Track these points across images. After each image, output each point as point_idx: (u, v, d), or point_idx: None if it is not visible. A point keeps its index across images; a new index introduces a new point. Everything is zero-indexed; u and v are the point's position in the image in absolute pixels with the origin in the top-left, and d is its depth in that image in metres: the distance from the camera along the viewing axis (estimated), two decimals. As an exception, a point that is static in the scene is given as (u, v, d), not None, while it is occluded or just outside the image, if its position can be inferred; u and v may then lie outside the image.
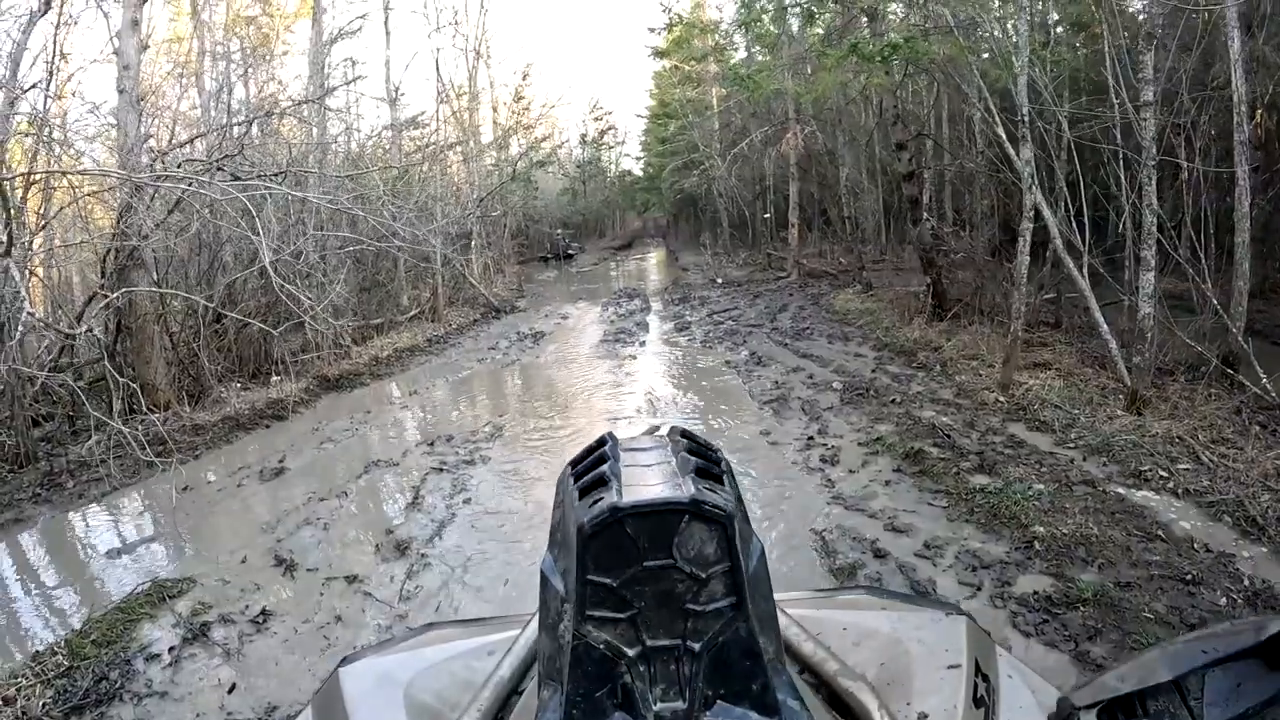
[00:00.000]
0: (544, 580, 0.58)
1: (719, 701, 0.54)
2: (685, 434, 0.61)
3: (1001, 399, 7.48)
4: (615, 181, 40.44)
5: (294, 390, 10.07)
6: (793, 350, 9.99)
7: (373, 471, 6.67)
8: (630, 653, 0.54)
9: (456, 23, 19.56)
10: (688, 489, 0.52)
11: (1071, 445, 6.14)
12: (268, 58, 17.35)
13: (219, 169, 8.09)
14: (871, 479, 5.60)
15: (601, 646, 0.53)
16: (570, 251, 33.14)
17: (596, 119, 37.51)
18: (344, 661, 0.96)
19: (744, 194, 23.34)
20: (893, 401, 7.36)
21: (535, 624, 0.76)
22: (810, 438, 6.50)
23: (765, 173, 22.73)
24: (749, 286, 17.13)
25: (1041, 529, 4.45)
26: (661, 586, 0.53)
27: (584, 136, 37.24)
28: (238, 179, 8.04)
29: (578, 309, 16.18)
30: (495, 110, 25.00)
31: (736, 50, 26.76)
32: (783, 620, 0.81)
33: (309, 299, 11.89)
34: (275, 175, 8.48)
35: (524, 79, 23.58)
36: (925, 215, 10.37)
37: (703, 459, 0.58)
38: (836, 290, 15.25)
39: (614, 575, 0.53)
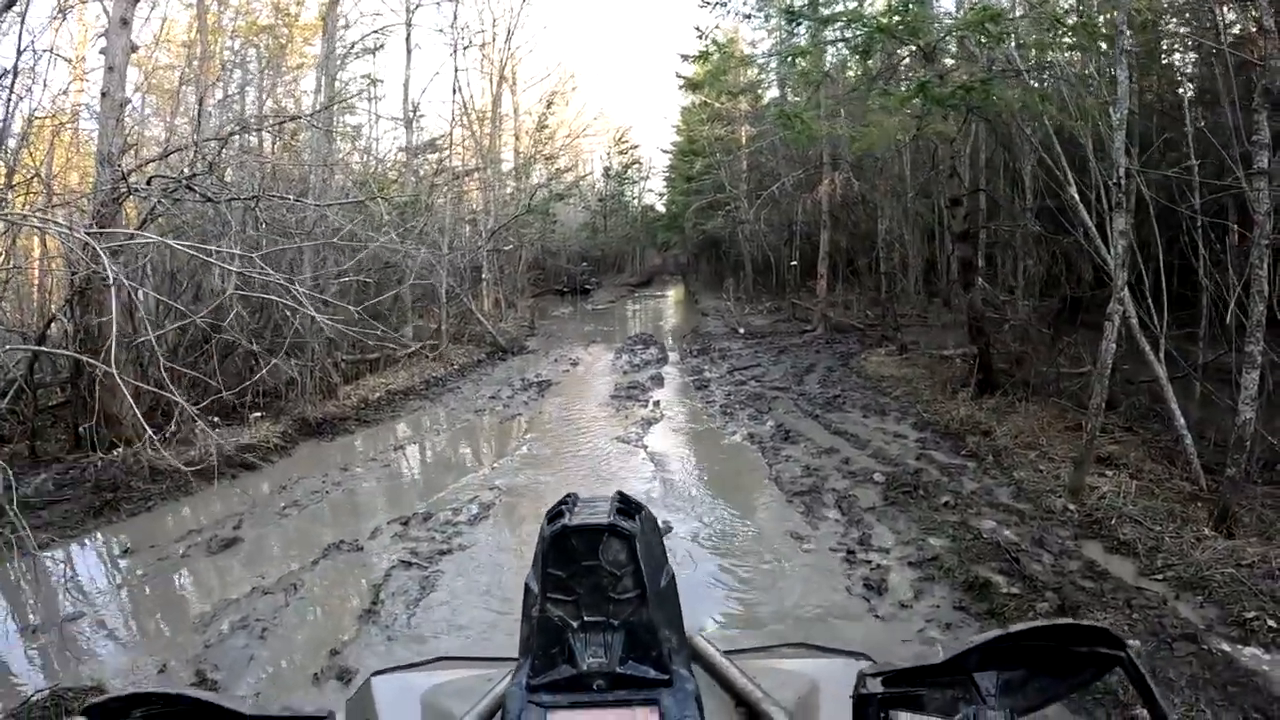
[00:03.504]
0: (526, 588, 0.85)
1: (630, 660, 0.80)
2: (620, 494, 0.88)
3: (1071, 506, 6.39)
4: (638, 217, 39.78)
5: (269, 435, 9.13)
6: (823, 424, 8.94)
7: (333, 556, 5.67)
8: (574, 624, 0.81)
9: (483, 45, 18.92)
10: (610, 518, 0.81)
11: (1159, 576, 5.07)
12: (280, 69, 16.79)
13: (188, 187, 7.25)
14: (928, 617, 4.53)
15: (556, 619, 0.81)
16: (588, 287, 32.37)
17: (621, 152, 37.02)
18: (376, 674, 1.18)
19: (770, 239, 22.47)
20: (945, 505, 6.29)
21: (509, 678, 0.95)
22: (850, 551, 5.43)
23: (793, 218, 21.91)
24: (773, 339, 16.13)
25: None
26: (593, 580, 0.81)
27: (608, 170, 36.71)
28: (208, 199, 7.19)
29: (589, 354, 15.23)
30: (518, 138, 24.42)
31: (769, 88, 26.29)
32: (725, 664, 1.06)
33: (299, 328, 11.05)
34: (251, 197, 7.63)
35: (548, 107, 23.00)
36: (979, 280, 9.37)
37: (624, 504, 0.85)
38: (866, 349, 14.22)
39: (564, 569, 0.81)
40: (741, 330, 17.16)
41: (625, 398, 10.61)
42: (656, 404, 10.18)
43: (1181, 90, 8.42)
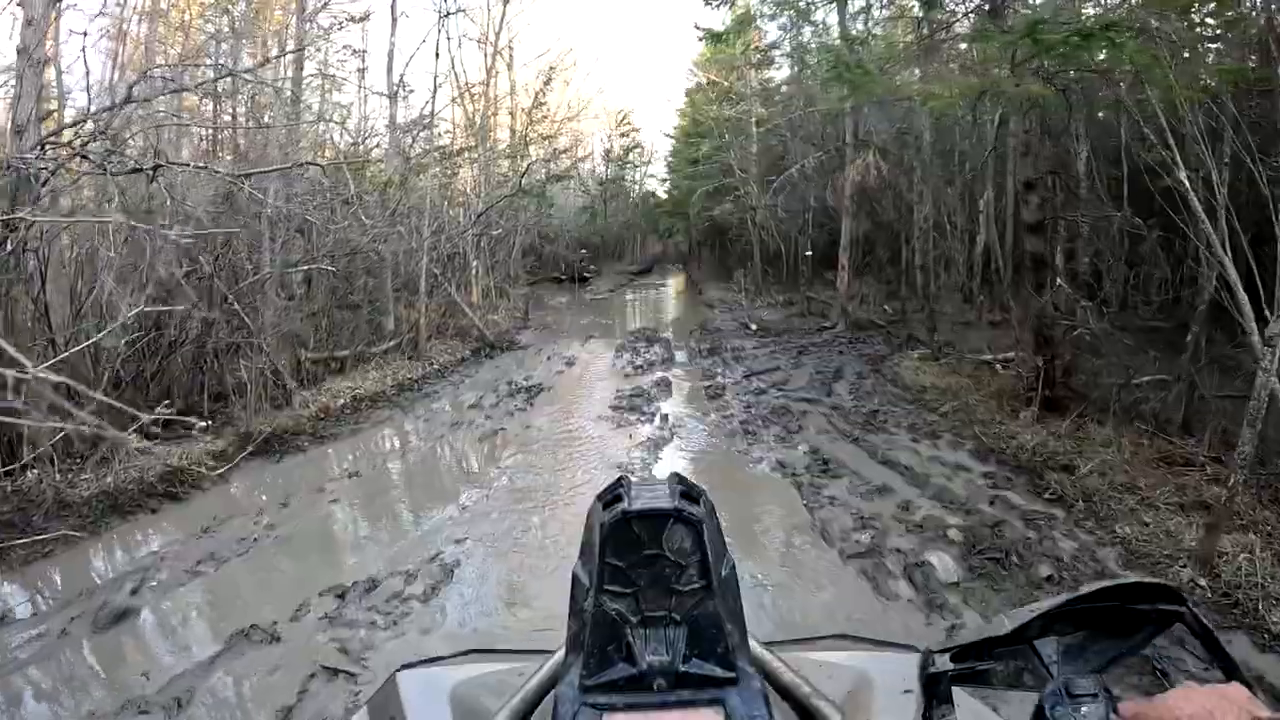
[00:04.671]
0: (574, 579, 0.77)
1: (693, 658, 0.73)
2: (678, 475, 0.80)
3: (1202, 581, 4.95)
4: (638, 203, 38.12)
5: (204, 454, 7.64)
6: (867, 450, 7.46)
7: (239, 650, 4.19)
8: (633, 619, 0.74)
9: (467, 11, 17.26)
10: (674, 502, 0.73)
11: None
12: (260, 42, 15.16)
13: (83, 156, 5.73)
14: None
15: (613, 614, 0.73)
16: (586, 274, 30.77)
17: (623, 134, 35.31)
18: (401, 668, 1.11)
19: (785, 226, 20.94)
20: (1047, 579, 4.83)
21: (559, 653, 0.91)
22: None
23: (808, 204, 20.38)
24: (789, 337, 14.62)
25: None
26: (654, 570, 0.73)
27: (608, 152, 35.00)
28: (102, 169, 5.68)
29: (586, 351, 13.71)
30: (514, 117, 22.74)
31: (779, 68, 24.64)
32: (768, 656, 0.96)
33: (247, 323, 9.54)
34: (153, 167, 6.12)
35: (546, 83, 21.32)
36: (1057, 280, 7.86)
37: (686, 487, 0.77)
38: (895, 351, 12.73)
39: (623, 559, 0.73)
40: (753, 326, 15.64)
41: (627, 409, 9.12)
42: (664, 419, 8.69)
43: None
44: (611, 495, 0.77)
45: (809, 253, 18.27)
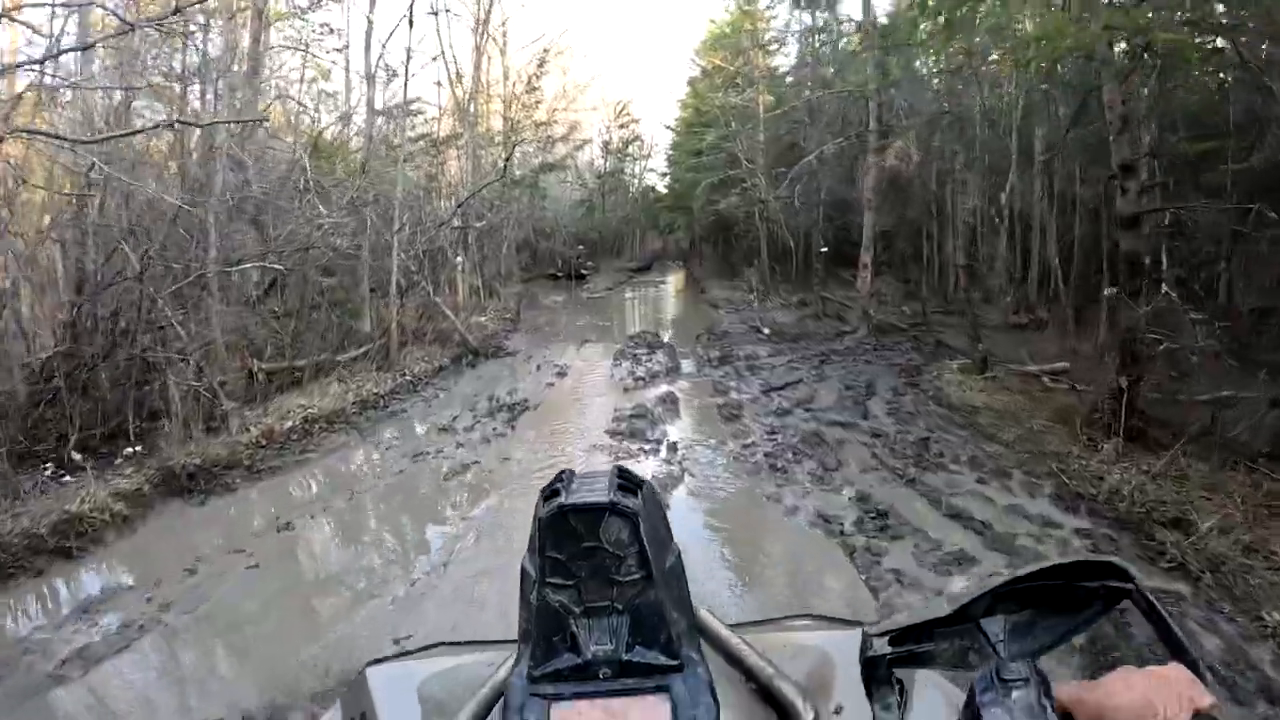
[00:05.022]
0: (523, 571, 0.76)
1: (637, 646, 0.73)
2: (620, 468, 0.78)
3: None
4: (638, 198, 36.61)
5: (109, 498, 6.20)
6: (926, 495, 6.02)
7: None
8: (576, 610, 0.74)
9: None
10: (610, 495, 0.72)
11: None
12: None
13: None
14: None
15: (557, 605, 0.73)
16: (583, 271, 29.31)
17: (622, 125, 33.78)
18: (369, 664, 1.09)
19: (799, 220, 19.51)
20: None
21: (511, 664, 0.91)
22: None
23: (821, 196, 18.99)
24: (807, 343, 13.17)
25: None
26: (594, 562, 0.73)
27: (607, 144, 33.46)
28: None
29: (581, 359, 12.25)
30: (507, 105, 21.22)
31: (787, 55, 23.19)
32: (734, 640, 0.98)
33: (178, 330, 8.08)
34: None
35: (540, 66, 19.81)
36: (1164, 288, 6.41)
37: (625, 479, 0.76)
38: (931, 361, 11.31)
39: (563, 552, 0.73)
40: (766, 330, 14.17)
41: (627, 434, 7.67)
42: (673, 448, 7.24)
43: None
44: (551, 489, 0.76)
45: (824, 249, 16.79)
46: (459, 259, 16.16)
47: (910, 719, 0.79)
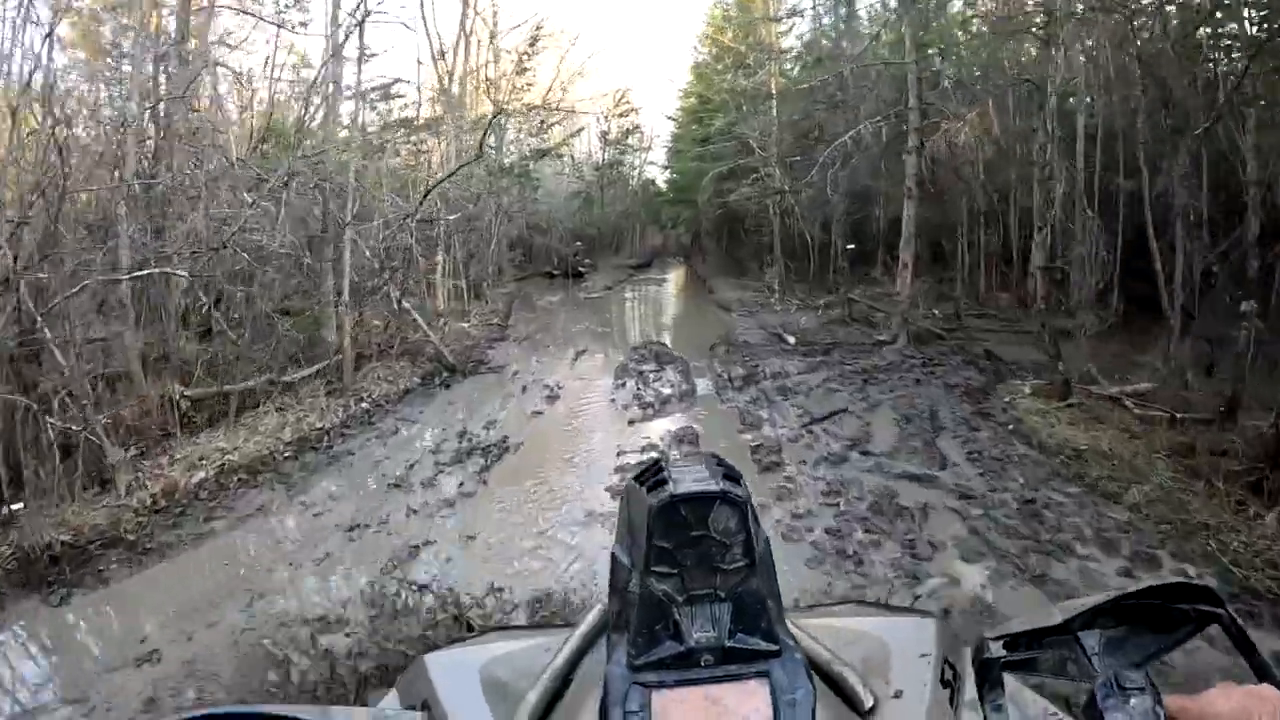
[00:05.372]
0: (614, 560, 0.79)
1: (739, 633, 0.75)
2: (714, 456, 0.81)
3: None
4: (637, 191, 34.71)
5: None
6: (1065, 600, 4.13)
7: None
8: (679, 598, 0.74)
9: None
10: (719, 484, 0.73)
11: None
12: None
13: None
14: None
15: (660, 594, 0.74)
16: (580, 269, 27.44)
17: (621, 114, 31.80)
18: (427, 652, 1.10)
19: (809, 214, 17.66)
20: None
21: (583, 628, 1.01)
22: None
23: (838, 186, 17.16)
24: (839, 355, 11.31)
25: None
26: (700, 550, 0.74)
27: (605, 134, 31.49)
28: None
29: (576, 376, 10.36)
30: (493, 86, 19.28)
31: (802, 36, 21.26)
32: (794, 626, 0.92)
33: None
34: None
35: (531, 44, 17.90)
36: None
37: (726, 468, 0.78)
38: (994, 380, 9.47)
39: (670, 541, 0.73)
40: (790, 339, 12.30)
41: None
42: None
43: None
44: (654, 479, 0.77)
45: (851, 246, 14.90)
46: (438, 258, 14.28)
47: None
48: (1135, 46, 8.08)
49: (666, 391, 9.05)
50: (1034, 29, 9.16)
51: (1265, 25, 6.40)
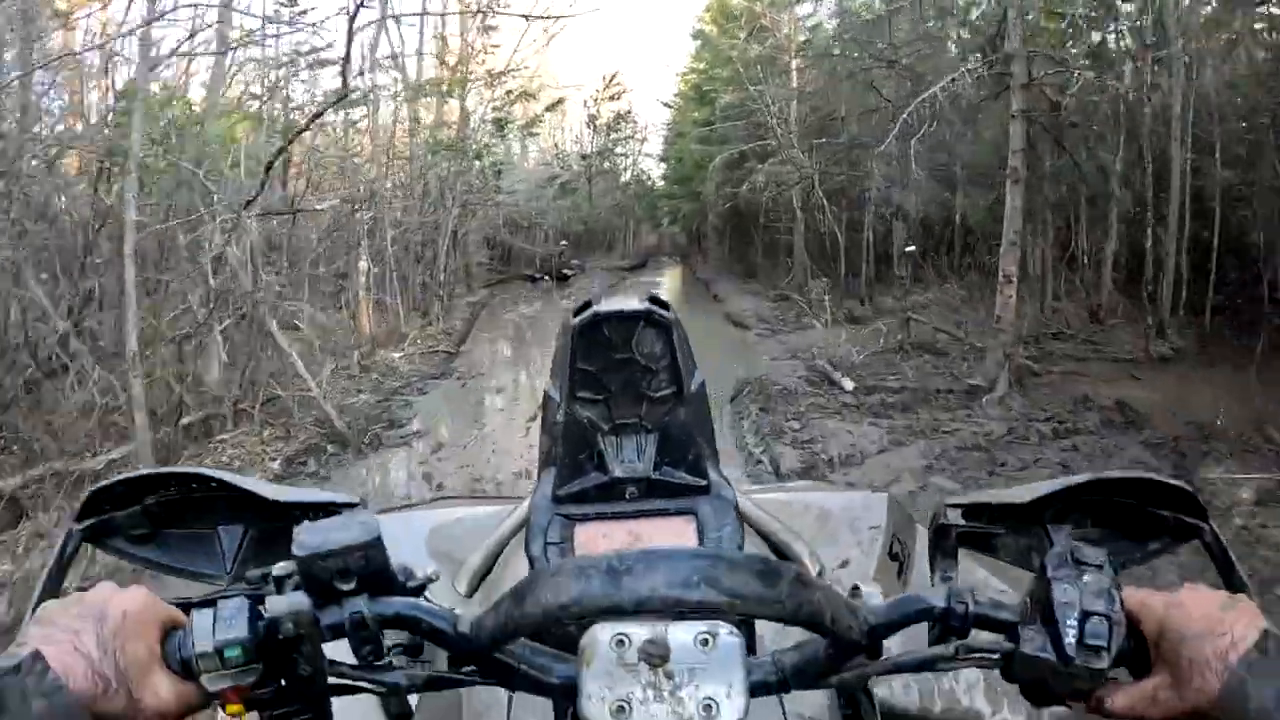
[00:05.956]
0: (545, 398, 0.79)
1: (665, 466, 0.75)
2: (651, 295, 0.79)
3: None
4: (631, 184, 31.19)
5: None
6: None
7: None
8: (604, 427, 0.75)
9: None
10: (644, 306, 0.74)
11: None
12: None
13: None
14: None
15: (585, 421, 0.75)
16: (566, 271, 23.89)
17: (612, 97, 28.18)
18: (376, 513, 0.96)
19: (840, 202, 14.23)
20: None
21: (530, 499, 0.93)
22: None
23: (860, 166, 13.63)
24: (924, 410, 7.73)
25: None
26: (625, 375, 0.74)
27: (593, 119, 27.87)
28: None
29: (529, 457, 6.68)
30: (448, 51, 15.54)
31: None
32: (740, 499, 0.92)
33: None
34: None
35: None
36: None
37: (655, 299, 0.77)
38: (1180, 459, 5.95)
39: (594, 364, 0.74)
40: (847, 384, 8.60)
41: None
42: None
43: None
44: (584, 304, 0.77)
45: (910, 248, 11.31)
46: (361, 264, 10.65)
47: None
48: None
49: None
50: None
51: None
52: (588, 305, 0.76)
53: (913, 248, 11.30)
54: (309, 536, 0.54)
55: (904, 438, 6.89)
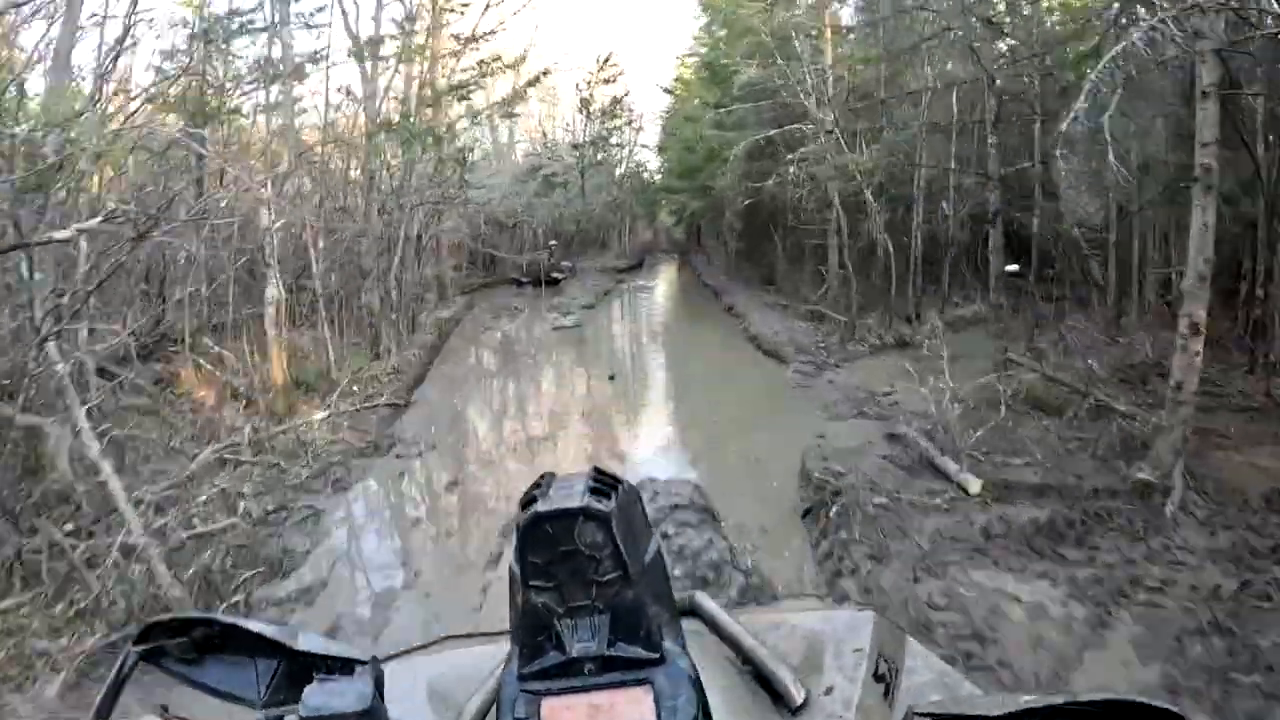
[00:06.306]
0: (510, 574, 0.79)
1: (619, 642, 0.76)
2: (596, 469, 0.80)
3: None
4: (627, 178, 28.30)
5: None
6: None
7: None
8: (559, 610, 0.76)
9: None
10: (582, 501, 0.74)
11: None
12: None
13: None
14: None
15: (540, 606, 0.76)
16: (557, 274, 21.07)
17: (607, 80, 25.20)
18: (382, 660, 1.03)
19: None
20: None
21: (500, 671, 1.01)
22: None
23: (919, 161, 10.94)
24: (1090, 534, 4.98)
25: None
26: (572, 565, 0.75)
27: (585, 102, 24.90)
28: None
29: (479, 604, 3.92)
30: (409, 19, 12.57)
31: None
32: (727, 622, 1.06)
33: None
34: None
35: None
36: None
37: (599, 482, 0.77)
38: None
39: (542, 556, 0.75)
40: (972, 483, 5.77)
41: None
42: None
43: None
44: (529, 497, 0.79)
45: (1013, 267, 8.52)
46: (270, 292, 7.84)
47: None
48: None
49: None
50: None
51: None
52: (532, 500, 0.77)
53: (1015, 267, 8.49)
54: (313, 699, 0.69)
55: (1098, 608, 4.16)
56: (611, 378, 10.26)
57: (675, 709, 0.74)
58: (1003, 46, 9.11)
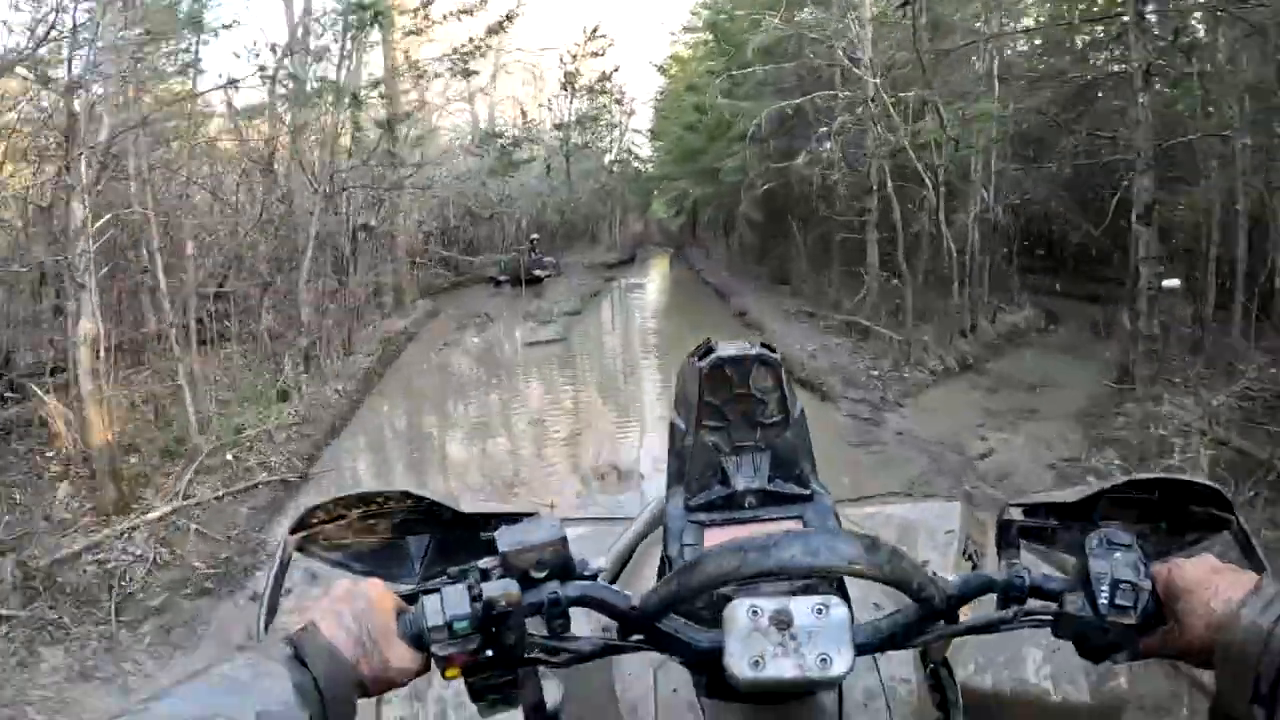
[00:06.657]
0: (672, 427, 0.90)
1: (776, 479, 0.85)
2: (762, 342, 0.89)
3: None
4: (620, 162, 25.75)
5: None
6: None
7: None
8: (726, 449, 0.86)
9: None
10: (757, 350, 0.85)
11: None
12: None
13: None
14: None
15: (710, 444, 0.85)
16: (539, 272, 18.30)
17: (595, 54, 22.49)
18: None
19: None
20: None
21: (645, 514, 1.18)
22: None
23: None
24: None
25: None
26: (742, 407, 0.85)
27: (570, 78, 22.16)
28: None
29: None
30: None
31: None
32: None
33: None
34: None
35: None
36: None
37: (765, 345, 0.88)
38: None
39: (719, 397, 0.85)
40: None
41: None
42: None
43: None
44: (705, 349, 0.88)
45: (1172, 282, 5.95)
46: (83, 325, 5.16)
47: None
48: None
49: None
50: None
51: None
52: (710, 350, 0.86)
53: (1176, 282, 5.92)
54: (510, 536, 0.71)
55: None
56: (602, 476, 7.12)
57: None
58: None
